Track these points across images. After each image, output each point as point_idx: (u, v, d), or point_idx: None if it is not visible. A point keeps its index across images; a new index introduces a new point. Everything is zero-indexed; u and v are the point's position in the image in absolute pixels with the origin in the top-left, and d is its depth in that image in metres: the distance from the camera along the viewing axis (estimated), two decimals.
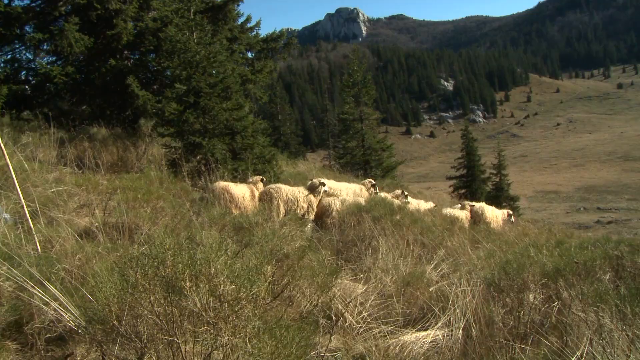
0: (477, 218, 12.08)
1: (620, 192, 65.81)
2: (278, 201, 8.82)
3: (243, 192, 8.70)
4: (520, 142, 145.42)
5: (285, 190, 9.08)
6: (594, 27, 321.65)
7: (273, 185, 9.26)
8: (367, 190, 11.37)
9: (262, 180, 9.55)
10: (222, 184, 8.70)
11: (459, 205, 13.22)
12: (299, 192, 9.21)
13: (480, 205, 12.64)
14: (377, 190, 11.79)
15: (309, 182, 9.95)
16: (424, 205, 12.58)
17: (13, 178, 5.46)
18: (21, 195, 5.30)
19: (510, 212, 13.84)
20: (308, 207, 9.24)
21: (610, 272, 5.22)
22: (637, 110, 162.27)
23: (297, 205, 9.01)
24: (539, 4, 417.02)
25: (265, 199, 8.89)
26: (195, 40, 11.47)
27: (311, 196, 9.37)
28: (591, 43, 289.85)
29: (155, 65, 14.43)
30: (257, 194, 9.03)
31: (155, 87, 14.68)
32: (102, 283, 2.97)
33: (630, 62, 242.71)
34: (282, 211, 8.69)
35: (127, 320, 2.86)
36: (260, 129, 12.30)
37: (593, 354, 3.31)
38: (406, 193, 12.51)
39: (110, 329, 2.89)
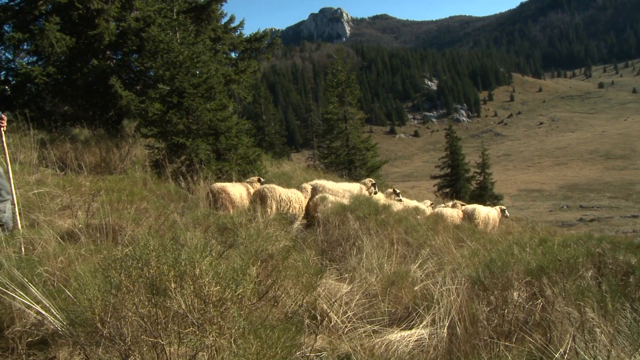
0: (467, 219, 12.15)
1: (602, 190, 66.76)
2: (271, 201, 8.81)
3: (240, 192, 8.74)
4: (504, 141, 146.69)
5: (279, 191, 9.07)
6: (575, 27, 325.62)
7: (267, 185, 9.23)
8: (367, 190, 11.38)
9: (259, 180, 9.56)
10: (219, 184, 8.72)
11: (450, 204, 13.31)
12: (292, 194, 9.22)
13: (473, 207, 12.70)
14: (377, 190, 11.84)
15: (302, 186, 10.00)
16: (420, 205, 12.62)
17: (11, 180, 5.40)
18: (15, 198, 5.24)
19: (504, 208, 13.98)
20: (299, 207, 9.27)
21: (592, 269, 5.28)
22: (618, 109, 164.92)
23: (290, 206, 9.02)
24: (521, 4, 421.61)
25: (256, 198, 8.87)
26: (179, 41, 11.39)
27: (302, 197, 9.40)
28: (573, 43, 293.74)
29: (138, 66, 14.29)
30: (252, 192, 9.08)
31: (138, 87, 14.55)
32: (85, 285, 2.93)
33: (610, 62, 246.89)
34: (274, 211, 8.67)
35: (110, 322, 2.83)
36: (244, 129, 12.25)
37: (576, 350, 3.35)
38: (398, 191, 12.59)
39: (93, 332, 2.86)
